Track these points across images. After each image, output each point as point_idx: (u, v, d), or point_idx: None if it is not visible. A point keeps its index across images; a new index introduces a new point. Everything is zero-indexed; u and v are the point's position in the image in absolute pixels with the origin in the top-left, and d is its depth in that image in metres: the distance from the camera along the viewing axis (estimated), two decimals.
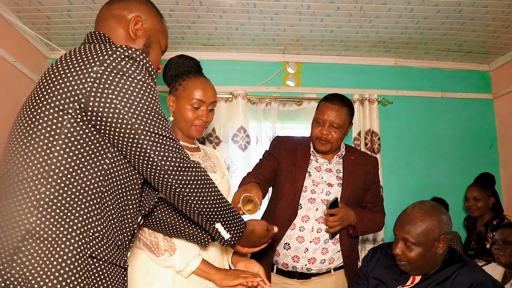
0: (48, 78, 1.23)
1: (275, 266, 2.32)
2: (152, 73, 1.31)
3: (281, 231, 2.26)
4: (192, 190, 1.34)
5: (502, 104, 3.85)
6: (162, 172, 1.27)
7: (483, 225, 3.29)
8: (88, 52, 1.24)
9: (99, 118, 1.19)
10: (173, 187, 1.31)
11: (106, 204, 1.24)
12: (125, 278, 1.36)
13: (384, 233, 3.52)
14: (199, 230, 1.63)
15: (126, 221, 1.33)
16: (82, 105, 1.18)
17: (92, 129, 1.20)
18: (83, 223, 1.17)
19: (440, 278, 1.91)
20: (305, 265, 2.22)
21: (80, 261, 1.14)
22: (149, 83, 1.27)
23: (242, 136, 3.56)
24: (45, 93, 1.21)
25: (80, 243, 1.15)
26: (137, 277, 1.69)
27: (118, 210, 1.29)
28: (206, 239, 1.64)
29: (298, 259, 2.23)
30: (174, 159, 1.28)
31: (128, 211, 1.33)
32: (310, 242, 2.23)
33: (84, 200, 1.19)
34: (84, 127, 1.19)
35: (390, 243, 2.06)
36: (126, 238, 1.34)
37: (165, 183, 1.30)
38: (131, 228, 1.36)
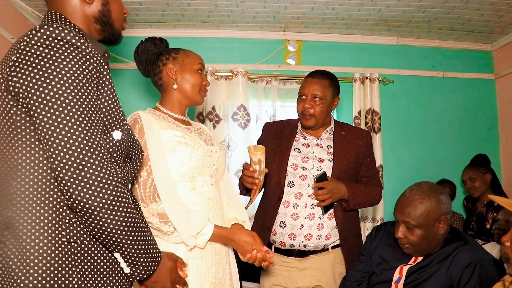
0: None
1: (273, 245, 2.34)
2: (84, 47, 1.18)
3: (272, 211, 2.30)
4: (98, 205, 1.13)
5: (504, 84, 3.83)
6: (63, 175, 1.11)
7: (484, 206, 3.31)
8: (14, 44, 1.20)
9: (24, 110, 1.15)
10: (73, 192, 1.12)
11: None
12: None
13: (384, 212, 3.55)
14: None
15: None
16: (10, 96, 1.15)
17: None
18: (57, 212, 1.16)
19: (441, 256, 1.93)
20: (302, 242, 2.24)
21: (59, 249, 1.14)
22: (78, 68, 1.15)
23: (242, 114, 3.55)
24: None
25: (56, 232, 1.14)
26: None
27: None
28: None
29: (294, 237, 2.24)
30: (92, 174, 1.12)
31: None
32: (305, 218, 2.25)
33: (55, 189, 1.16)
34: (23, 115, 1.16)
35: (393, 222, 2.07)
36: None
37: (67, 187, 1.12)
38: None
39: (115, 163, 1.28)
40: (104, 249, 1.25)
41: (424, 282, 1.91)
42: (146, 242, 1.26)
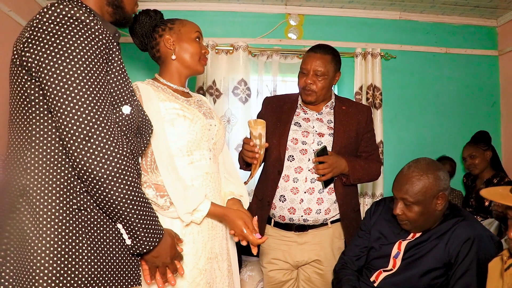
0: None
1: (272, 219, 2.36)
2: (94, 23, 1.23)
3: (272, 185, 2.31)
4: (105, 171, 1.18)
5: (507, 61, 3.79)
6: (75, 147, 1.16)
7: (483, 183, 3.32)
8: (28, 22, 1.24)
9: (38, 84, 1.20)
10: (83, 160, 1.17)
11: None
12: None
13: (384, 188, 3.56)
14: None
15: None
16: (24, 71, 1.20)
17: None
18: (68, 181, 1.21)
19: (440, 231, 1.94)
20: (301, 216, 2.25)
21: (70, 216, 1.20)
22: (87, 43, 1.20)
23: (243, 88, 3.53)
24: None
25: (67, 199, 1.20)
26: None
27: None
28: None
29: (294, 211, 2.25)
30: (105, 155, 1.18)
31: None
32: (305, 192, 2.25)
33: (66, 159, 1.21)
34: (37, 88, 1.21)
35: (393, 198, 2.07)
36: None
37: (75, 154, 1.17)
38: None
39: (124, 137, 1.31)
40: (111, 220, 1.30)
41: (422, 257, 1.93)
42: (149, 217, 1.31)
